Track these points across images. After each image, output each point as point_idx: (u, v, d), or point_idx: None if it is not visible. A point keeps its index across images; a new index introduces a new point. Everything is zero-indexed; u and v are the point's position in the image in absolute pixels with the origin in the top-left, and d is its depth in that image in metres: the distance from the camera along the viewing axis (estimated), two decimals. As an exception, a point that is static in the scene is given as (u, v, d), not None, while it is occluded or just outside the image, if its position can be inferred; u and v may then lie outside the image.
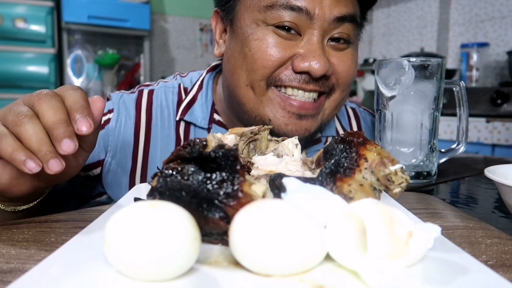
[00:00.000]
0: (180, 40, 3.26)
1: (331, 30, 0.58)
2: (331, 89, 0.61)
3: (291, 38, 0.58)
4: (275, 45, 0.57)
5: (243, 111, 0.62)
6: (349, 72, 0.61)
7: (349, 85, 0.62)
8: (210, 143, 0.29)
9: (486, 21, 2.18)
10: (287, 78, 0.58)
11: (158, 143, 0.66)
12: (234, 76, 0.61)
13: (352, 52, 0.62)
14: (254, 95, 0.59)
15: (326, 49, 0.59)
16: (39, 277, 0.23)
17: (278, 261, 0.24)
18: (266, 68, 0.57)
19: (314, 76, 0.57)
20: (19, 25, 2.19)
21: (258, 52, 0.58)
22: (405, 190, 0.32)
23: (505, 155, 1.57)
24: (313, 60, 0.56)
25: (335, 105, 0.63)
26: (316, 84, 0.58)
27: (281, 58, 0.57)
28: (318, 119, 0.62)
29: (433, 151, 0.64)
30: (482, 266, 0.25)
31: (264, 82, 0.58)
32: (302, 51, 0.57)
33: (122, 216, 0.24)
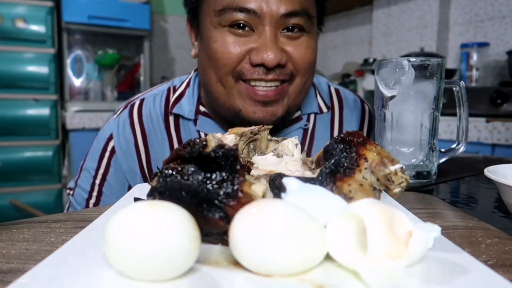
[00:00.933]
0: (180, 40, 3.26)
1: (282, 24, 0.63)
2: (291, 76, 0.65)
3: (245, 34, 0.63)
4: (231, 43, 0.63)
5: (217, 104, 0.69)
6: (304, 58, 0.65)
7: (308, 70, 0.67)
8: (210, 143, 0.29)
9: (486, 21, 2.18)
10: (248, 72, 0.63)
11: (156, 146, 0.73)
12: (206, 75, 0.68)
13: (308, 40, 0.66)
14: (224, 89, 0.66)
15: (281, 40, 0.64)
16: (39, 277, 0.23)
17: (278, 261, 0.24)
18: (227, 65, 0.64)
19: (268, 66, 0.62)
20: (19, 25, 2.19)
21: (218, 52, 0.64)
22: (405, 190, 0.32)
23: (505, 155, 1.57)
24: (265, 53, 0.61)
25: (298, 90, 0.67)
26: (274, 74, 0.63)
27: (238, 54, 0.63)
28: (284, 104, 0.67)
29: (433, 151, 0.64)
30: (482, 266, 0.25)
31: (230, 77, 0.64)
32: (256, 45, 0.63)
33: (122, 216, 0.24)
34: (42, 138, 2.25)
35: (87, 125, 2.27)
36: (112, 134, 0.74)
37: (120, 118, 0.76)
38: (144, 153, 0.74)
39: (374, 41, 2.75)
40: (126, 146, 0.74)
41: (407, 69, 0.60)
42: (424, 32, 2.39)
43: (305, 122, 0.77)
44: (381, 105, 0.65)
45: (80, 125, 2.31)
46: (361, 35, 2.91)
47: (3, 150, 2.16)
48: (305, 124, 0.76)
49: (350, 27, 2.99)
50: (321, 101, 0.80)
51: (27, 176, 2.22)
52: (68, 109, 2.43)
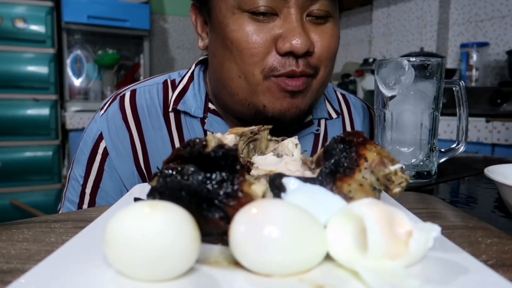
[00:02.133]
0: (180, 40, 3.26)
1: (308, 6, 0.58)
2: (315, 69, 0.60)
3: (268, 20, 0.57)
4: (254, 31, 0.57)
5: (235, 101, 0.62)
6: (329, 46, 0.60)
7: (331, 60, 0.62)
8: (210, 143, 0.29)
9: (486, 21, 2.18)
10: (279, 65, 0.57)
11: (154, 144, 0.66)
12: (224, 69, 0.61)
13: (332, 26, 0.61)
14: (247, 85, 0.59)
15: (306, 25, 0.58)
16: (39, 277, 0.23)
17: (278, 261, 0.24)
18: (254, 55, 0.57)
19: (297, 54, 0.56)
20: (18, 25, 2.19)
21: (240, 43, 0.57)
22: (405, 190, 0.32)
23: (505, 154, 1.57)
24: (293, 38, 0.55)
25: (321, 83, 0.62)
26: (303, 64, 0.57)
27: (264, 43, 0.57)
28: (308, 97, 0.61)
29: (433, 150, 0.64)
30: (482, 266, 0.25)
31: (258, 71, 0.58)
32: (282, 31, 0.56)
33: (122, 216, 0.24)
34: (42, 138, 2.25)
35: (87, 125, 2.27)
36: (101, 133, 0.65)
37: (108, 113, 0.66)
38: (141, 151, 0.66)
39: (374, 41, 2.75)
40: (121, 145, 0.65)
41: (407, 69, 0.60)
42: (424, 32, 2.39)
43: (317, 127, 0.72)
44: (381, 105, 0.65)
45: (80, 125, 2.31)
46: (361, 35, 2.91)
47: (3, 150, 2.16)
48: (316, 129, 0.72)
49: (350, 27, 2.99)
50: (330, 106, 0.76)
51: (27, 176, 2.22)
52: (68, 109, 2.43)
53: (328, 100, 0.76)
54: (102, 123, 0.66)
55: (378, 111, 0.66)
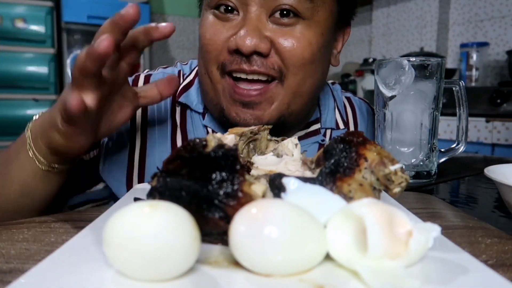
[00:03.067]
0: (180, 40, 3.26)
1: (271, 4, 0.54)
2: (280, 73, 0.56)
3: (230, 18, 0.56)
4: (213, 27, 0.56)
5: (207, 100, 0.62)
6: (294, 51, 0.55)
7: (300, 67, 0.56)
8: (210, 143, 0.29)
9: (486, 21, 2.18)
10: (228, 62, 0.56)
11: (155, 126, 0.65)
12: (199, 66, 0.62)
13: (303, 29, 0.55)
14: (211, 83, 0.59)
15: (267, 26, 0.55)
16: (39, 277, 0.23)
17: (278, 261, 0.24)
18: (209, 52, 0.57)
19: (243, 51, 0.53)
20: (18, 25, 2.19)
21: (201, 38, 0.58)
22: (405, 189, 0.32)
23: (505, 154, 1.57)
24: (240, 35, 0.53)
25: (292, 92, 0.57)
26: (255, 64, 0.54)
27: (220, 40, 0.56)
28: (273, 109, 0.57)
29: (433, 150, 0.64)
30: (482, 266, 0.25)
31: (215, 68, 0.57)
32: (237, 30, 0.55)
33: (121, 216, 0.24)
34: (42, 138, 2.25)
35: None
36: None
37: None
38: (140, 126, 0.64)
39: (373, 41, 2.75)
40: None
41: (407, 69, 0.60)
42: (424, 32, 2.40)
43: (322, 137, 0.70)
44: (381, 105, 0.65)
45: (80, 125, 2.30)
46: (361, 35, 2.91)
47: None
48: (322, 139, 0.70)
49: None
50: (339, 116, 0.73)
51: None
52: (68, 109, 2.42)
53: (338, 108, 0.75)
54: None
55: (378, 111, 0.66)
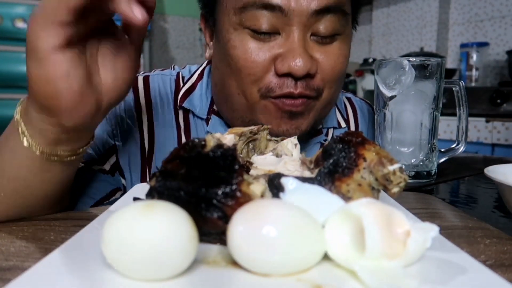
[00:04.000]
0: (180, 40, 3.26)
1: (312, 24, 0.55)
2: (318, 92, 0.57)
3: (269, 39, 0.55)
4: (254, 49, 0.55)
5: (235, 116, 0.62)
6: (335, 68, 0.57)
7: (336, 82, 0.59)
8: (208, 143, 0.29)
9: (486, 21, 2.18)
10: (276, 87, 0.55)
11: (160, 128, 0.65)
12: (225, 85, 0.60)
13: (340, 45, 0.58)
14: (247, 102, 0.58)
15: (310, 45, 0.56)
16: (38, 275, 0.23)
17: (276, 261, 0.24)
18: (251, 75, 0.56)
19: (296, 76, 0.54)
20: (18, 25, 2.19)
21: (239, 60, 0.55)
22: (404, 190, 0.32)
23: (505, 154, 1.57)
24: (293, 59, 0.53)
25: (325, 103, 0.60)
26: (302, 87, 0.55)
27: (263, 62, 0.55)
28: (310, 117, 0.60)
29: (433, 150, 0.64)
30: (481, 266, 0.25)
31: (255, 90, 0.56)
32: (282, 51, 0.54)
33: (120, 215, 0.24)
34: (42, 138, 2.24)
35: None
36: None
37: None
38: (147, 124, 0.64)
39: (373, 41, 2.75)
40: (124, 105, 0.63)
41: (407, 69, 0.60)
42: (424, 32, 2.39)
43: (324, 137, 0.71)
44: (381, 105, 0.65)
45: (80, 125, 2.30)
46: (360, 35, 2.91)
47: (3, 150, 2.16)
48: (324, 139, 0.70)
49: (350, 27, 2.98)
50: (340, 115, 0.74)
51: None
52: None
53: (338, 108, 0.75)
54: None
55: (378, 111, 0.66)
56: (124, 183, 0.65)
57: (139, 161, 0.65)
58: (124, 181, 0.65)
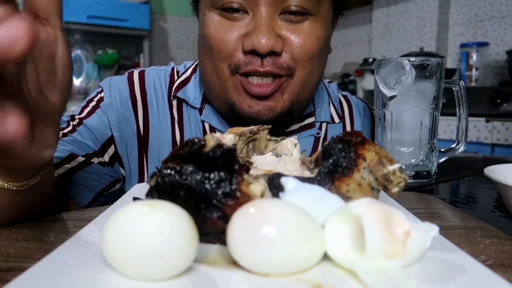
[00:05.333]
0: (180, 40, 3.26)
1: (280, 3, 0.56)
2: (289, 70, 0.58)
3: (238, 18, 0.57)
4: (224, 28, 0.57)
5: (212, 97, 0.64)
6: (304, 46, 0.57)
7: (309, 61, 0.59)
8: (208, 143, 0.29)
9: (486, 21, 2.18)
10: (243, 63, 0.57)
11: (155, 118, 0.67)
12: (201, 64, 0.63)
13: (311, 25, 0.58)
14: (219, 80, 0.60)
15: (278, 24, 0.57)
16: (38, 276, 0.23)
17: (276, 261, 0.24)
18: (221, 52, 0.58)
19: (260, 52, 0.55)
20: (18, 25, 2.19)
21: (210, 39, 0.58)
22: (404, 189, 0.32)
23: (504, 154, 1.57)
24: (256, 36, 0.55)
25: (301, 84, 0.60)
26: (268, 64, 0.56)
27: (231, 40, 0.57)
28: (285, 99, 0.60)
29: (433, 150, 0.64)
30: (481, 266, 0.25)
31: (225, 66, 0.58)
32: (250, 29, 0.56)
33: (120, 215, 0.24)
34: (42, 138, 2.24)
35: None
36: (102, 88, 0.67)
37: (113, 77, 0.70)
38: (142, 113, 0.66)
39: (373, 41, 2.75)
40: (119, 97, 0.66)
41: (408, 69, 0.60)
42: (424, 32, 2.39)
43: (317, 130, 0.72)
44: (381, 105, 0.65)
45: (80, 125, 2.30)
46: (360, 35, 2.91)
47: (3, 150, 2.16)
48: (317, 132, 0.71)
49: (350, 27, 2.99)
50: (334, 110, 0.75)
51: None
52: (67, 109, 2.43)
53: (332, 103, 0.76)
54: (105, 82, 0.69)
55: (378, 111, 0.66)
56: (124, 173, 0.67)
57: (136, 150, 0.66)
58: (124, 171, 0.67)
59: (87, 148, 0.62)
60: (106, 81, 0.69)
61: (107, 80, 0.69)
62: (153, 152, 0.67)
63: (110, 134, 0.65)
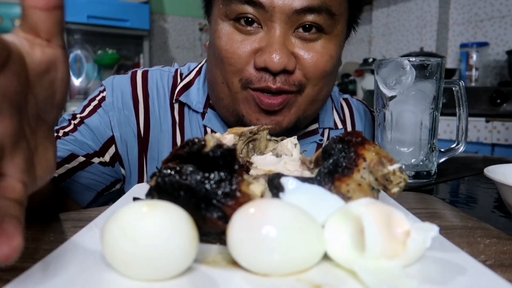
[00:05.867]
0: (180, 40, 3.26)
1: (295, 21, 0.55)
2: (300, 87, 0.58)
3: (252, 32, 0.56)
4: (237, 41, 0.56)
5: (220, 106, 0.63)
6: (317, 65, 0.57)
7: (321, 79, 0.59)
8: (208, 143, 0.29)
9: (486, 21, 2.18)
10: (255, 79, 0.56)
11: (155, 120, 0.67)
12: (211, 73, 0.62)
13: (325, 43, 0.58)
14: (229, 92, 0.59)
15: (292, 41, 0.56)
16: (38, 276, 0.23)
17: (276, 261, 0.24)
18: (232, 65, 0.57)
19: (272, 71, 0.54)
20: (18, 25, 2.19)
21: (222, 51, 0.57)
22: (404, 189, 0.32)
23: (504, 154, 1.57)
24: (269, 54, 0.54)
25: (309, 100, 0.60)
26: (280, 82, 0.56)
27: (244, 54, 0.56)
28: (292, 114, 0.60)
29: (433, 150, 0.64)
30: (480, 266, 0.25)
31: (236, 80, 0.58)
32: (263, 45, 0.55)
33: (120, 215, 0.24)
34: (42, 138, 2.24)
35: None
36: (105, 88, 0.67)
37: (116, 77, 0.69)
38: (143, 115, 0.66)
39: (373, 41, 2.75)
40: (121, 97, 0.66)
41: (408, 69, 0.60)
42: (424, 32, 2.39)
43: (320, 137, 0.71)
44: (381, 105, 0.65)
45: (80, 125, 2.30)
46: (360, 35, 2.91)
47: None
48: (320, 139, 0.71)
49: (350, 27, 2.98)
50: (337, 116, 0.75)
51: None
52: (67, 109, 2.43)
53: (336, 108, 0.76)
54: (107, 81, 0.68)
55: (378, 111, 0.66)
56: (124, 173, 0.67)
57: (136, 150, 0.66)
58: (124, 171, 0.67)
59: (88, 148, 0.62)
60: (108, 80, 0.69)
61: (110, 79, 0.69)
62: (152, 154, 0.66)
63: (111, 134, 0.64)
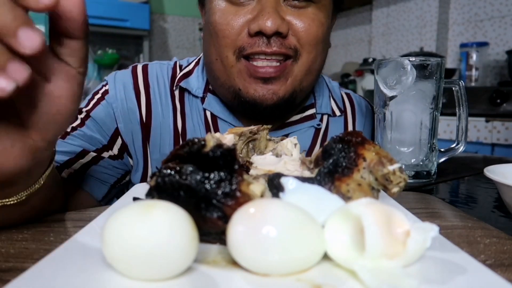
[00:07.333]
0: (180, 40, 3.26)
1: None
2: (295, 51, 0.60)
3: (244, 4, 0.59)
4: (230, 14, 0.59)
5: (217, 85, 0.65)
6: (309, 30, 0.60)
7: (314, 46, 0.61)
8: (208, 143, 0.29)
9: (486, 21, 2.18)
10: (248, 45, 0.59)
11: (158, 110, 0.69)
12: (206, 53, 0.65)
13: (314, 11, 0.61)
14: (223, 68, 0.61)
15: (283, 9, 0.59)
16: (37, 276, 0.23)
17: (276, 261, 0.24)
18: (225, 37, 0.59)
19: (266, 33, 0.57)
20: (18, 25, 2.19)
21: (217, 24, 0.60)
22: (404, 189, 0.32)
23: (504, 154, 1.57)
24: (262, 18, 0.57)
25: (305, 69, 0.62)
26: (275, 45, 0.58)
27: (237, 25, 0.59)
28: (288, 84, 0.61)
29: (433, 150, 0.64)
30: (480, 266, 0.25)
31: (230, 53, 0.60)
32: (255, 14, 0.58)
33: (120, 215, 0.24)
34: (41, 138, 2.24)
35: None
36: (107, 82, 0.70)
37: (118, 72, 0.72)
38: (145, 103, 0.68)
39: (373, 40, 2.75)
40: (123, 89, 0.68)
41: (408, 69, 0.60)
42: (424, 31, 2.39)
43: (318, 122, 0.73)
44: (381, 105, 0.65)
45: (80, 125, 2.30)
46: (360, 34, 2.91)
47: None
48: (318, 123, 0.73)
49: (350, 26, 2.99)
50: (334, 104, 0.76)
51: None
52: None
53: (333, 97, 0.77)
54: (109, 76, 0.71)
55: (378, 111, 0.66)
56: (132, 162, 0.69)
57: (140, 139, 0.69)
58: (131, 161, 0.69)
59: (97, 143, 0.64)
60: (111, 75, 0.72)
61: (112, 74, 0.72)
62: (154, 141, 0.68)
63: (115, 125, 0.67)
